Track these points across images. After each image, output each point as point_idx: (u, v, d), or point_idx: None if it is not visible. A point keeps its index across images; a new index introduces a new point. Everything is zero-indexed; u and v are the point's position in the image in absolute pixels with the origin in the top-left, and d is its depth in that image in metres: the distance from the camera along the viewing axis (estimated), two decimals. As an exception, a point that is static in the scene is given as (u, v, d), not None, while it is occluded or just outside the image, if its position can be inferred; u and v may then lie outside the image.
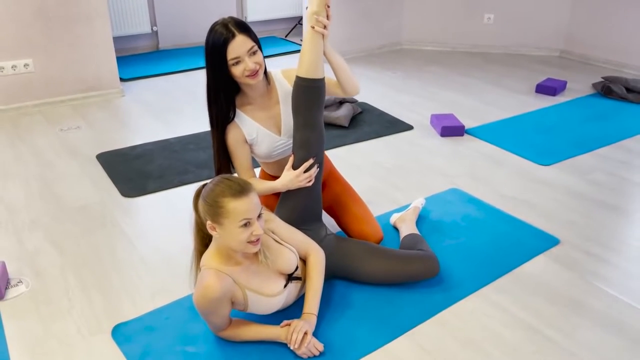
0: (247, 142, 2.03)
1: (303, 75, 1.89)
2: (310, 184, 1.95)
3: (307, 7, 1.91)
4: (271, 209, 2.09)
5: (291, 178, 1.93)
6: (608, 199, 2.70)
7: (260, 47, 1.91)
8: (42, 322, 1.89)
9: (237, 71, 1.88)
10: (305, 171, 1.93)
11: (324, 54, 1.95)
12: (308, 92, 1.90)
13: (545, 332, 1.85)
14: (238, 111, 2.01)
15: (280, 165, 2.06)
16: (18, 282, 2.09)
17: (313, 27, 1.88)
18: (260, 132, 2.03)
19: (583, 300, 2.00)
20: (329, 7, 1.90)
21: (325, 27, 1.89)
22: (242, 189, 1.60)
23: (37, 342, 1.80)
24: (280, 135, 2.06)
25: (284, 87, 2.06)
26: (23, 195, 2.72)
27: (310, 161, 1.93)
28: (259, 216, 1.64)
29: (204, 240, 1.74)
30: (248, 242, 1.62)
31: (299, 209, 2.00)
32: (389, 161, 3.12)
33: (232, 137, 2.00)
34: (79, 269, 2.17)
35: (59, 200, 2.68)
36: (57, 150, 3.23)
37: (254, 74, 1.89)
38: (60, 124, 3.61)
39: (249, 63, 1.86)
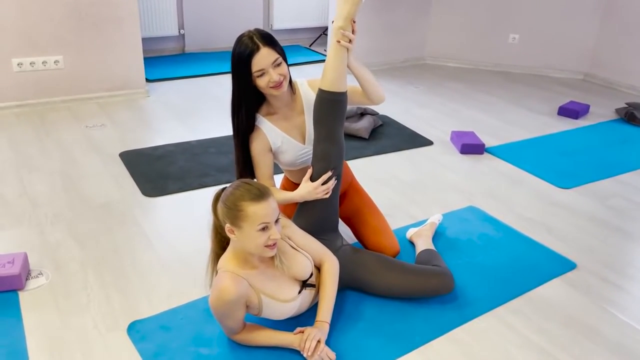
0: (271, 150, 2.06)
1: (326, 88, 1.92)
2: (328, 196, 1.97)
3: (332, 21, 1.95)
4: (289, 216, 2.11)
5: (309, 190, 1.96)
6: (627, 226, 2.68)
7: (285, 59, 1.95)
8: (60, 315, 1.93)
9: (261, 82, 1.92)
10: (323, 183, 1.95)
11: (349, 66, 1.97)
12: (330, 105, 1.92)
13: (558, 356, 1.84)
14: (263, 120, 2.04)
15: (303, 173, 2.08)
16: (38, 274, 2.14)
17: (339, 41, 1.91)
18: (285, 140, 2.06)
19: (597, 326, 1.99)
20: (354, 22, 1.93)
21: (350, 41, 1.92)
22: (261, 194, 1.63)
23: (55, 335, 1.84)
24: (304, 144, 2.09)
25: (309, 97, 2.09)
26: (47, 189, 2.78)
27: (329, 174, 1.95)
28: (277, 221, 1.67)
29: (221, 243, 1.77)
30: (265, 245, 1.65)
31: (316, 218, 2.02)
32: (407, 175, 3.13)
33: (257, 145, 2.03)
34: (98, 265, 2.21)
35: (81, 196, 2.73)
36: (82, 147, 3.29)
37: (278, 85, 1.93)
38: (86, 121, 3.68)
39: (273, 75, 1.89)
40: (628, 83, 4.90)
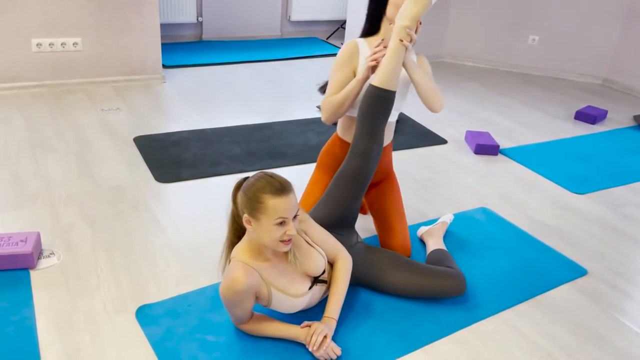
0: (354, 71, 2.05)
1: (378, 84, 1.91)
2: (374, 63, 1.95)
3: (397, 21, 1.92)
4: (335, 160, 2.14)
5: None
6: (639, 235, 2.66)
7: None
8: (70, 295, 1.95)
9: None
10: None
11: (405, 66, 1.96)
12: (379, 101, 1.92)
13: (565, 362, 1.83)
14: (365, 43, 2.06)
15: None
16: (50, 254, 2.16)
17: (401, 40, 1.88)
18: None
19: (606, 334, 1.98)
20: (420, 23, 1.92)
21: (411, 41, 1.91)
22: (283, 188, 1.62)
23: (64, 315, 1.86)
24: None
25: (413, 58, 2.07)
26: (61, 170, 2.80)
27: (380, 45, 1.95)
28: (295, 217, 1.66)
29: (237, 232, 1.77)
30: (280, 240, 1.65)
31: (338, 212, 2.01)
32: (419, 173, 3.12)
33: (348, 50, 2.05)
34: (109, 248, 2.23)
35: (94, 179, 2.75)
36: (97, 130, 3.31)
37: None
38: (102, 104, 3.70)
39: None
40: (647, 90, 4.84)
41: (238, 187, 1.72)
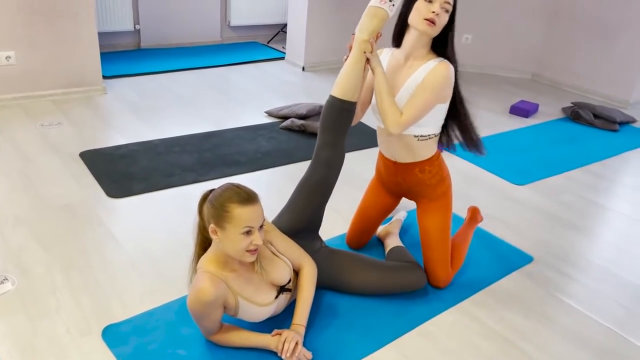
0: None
1: (339, 96, 1.92)
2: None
3: (353, 33, 1.95)
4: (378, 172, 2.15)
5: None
6: (577, 220, 2.85)
7: None
8: (30, 321, 1.89)
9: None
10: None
11: (372, 69, 1.96)
12: (339, 112, 1.94)
13: (520, 344, 1.96)
14: (386, 56, 2.09)
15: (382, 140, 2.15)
16: (3, 280, 2.08)
17: (365, 52, 1.91)
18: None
19: (554, 316, 2.13)
20: (380, 35, 1.97)
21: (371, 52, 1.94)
22: (249, 197, 1.65)
23: (27, 341, 1.80)
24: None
25: (418, 77, 2.03)
26: (4, 189, 2.69)
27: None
28: (261, 227, 1.69)
29: (203, 244, 1.78)
30: (247, 250, 1.67)
31: (303, 220, 2.02)
32: (369, 173, 3.20)
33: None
34: (65, 268, 2.17)
35: (42, 197, 2.66)
36: (38, 146, 3.19)
37: (432, 21, 2.03)
38: (41, 119, 3.56)
39: None
40: (573, 83, 5.16)
41: (204, 198, 1.72)
